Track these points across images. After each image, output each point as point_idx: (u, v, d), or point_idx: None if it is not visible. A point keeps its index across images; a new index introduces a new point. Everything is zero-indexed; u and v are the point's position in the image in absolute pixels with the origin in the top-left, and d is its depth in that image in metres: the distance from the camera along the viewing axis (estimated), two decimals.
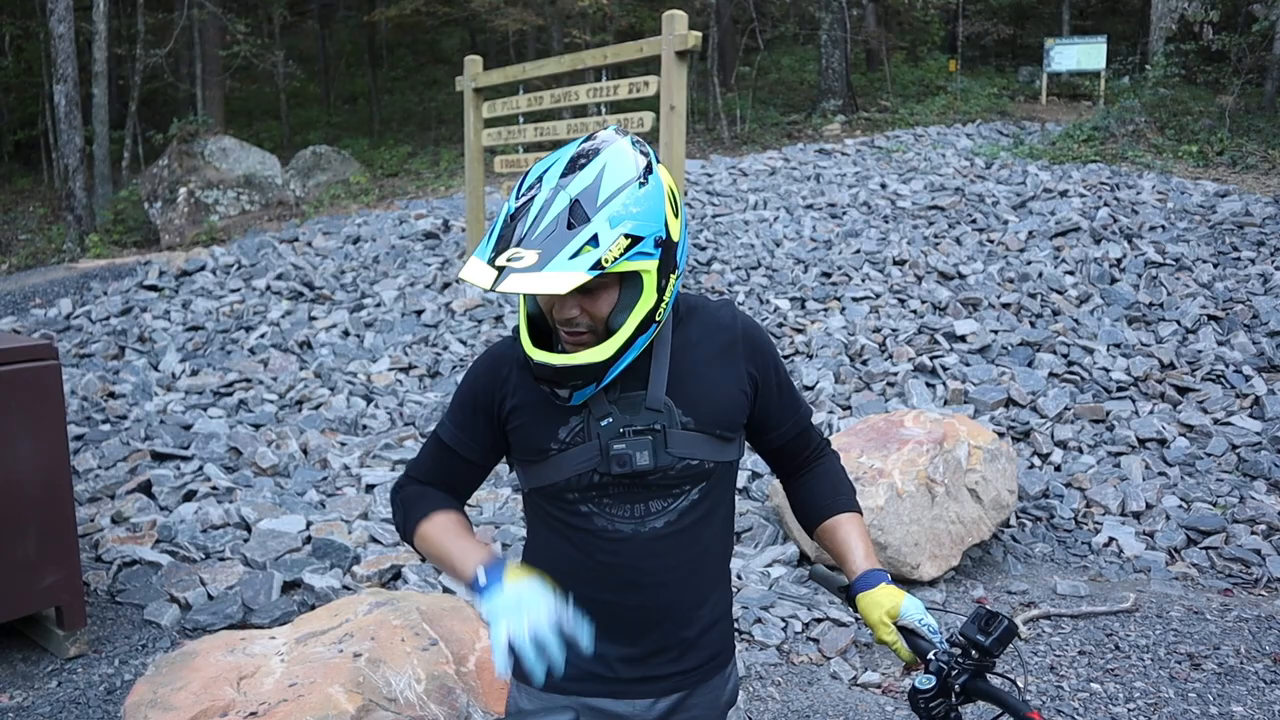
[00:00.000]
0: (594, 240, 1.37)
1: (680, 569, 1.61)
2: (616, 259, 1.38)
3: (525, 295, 1.51)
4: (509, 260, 1.37)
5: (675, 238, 1.48)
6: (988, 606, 1.54)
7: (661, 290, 1.46)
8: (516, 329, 1.65)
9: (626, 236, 1.39)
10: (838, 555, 1.69)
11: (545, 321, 1.54)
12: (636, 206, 1.41)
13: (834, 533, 1.70)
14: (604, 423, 1.52)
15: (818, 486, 1.76)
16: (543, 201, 1.40)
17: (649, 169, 1.46)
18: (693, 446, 1.56)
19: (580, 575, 1.59)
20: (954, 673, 1.50)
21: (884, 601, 1.58)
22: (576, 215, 1.38)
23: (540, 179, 1.44)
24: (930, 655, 1.54)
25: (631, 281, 1.45)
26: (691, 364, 1.59)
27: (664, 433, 1.53)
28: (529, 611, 1.36)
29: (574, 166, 1.43)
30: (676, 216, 1.49)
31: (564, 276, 1.34)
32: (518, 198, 1.44)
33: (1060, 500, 5.29)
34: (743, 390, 1.62)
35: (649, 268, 1.43)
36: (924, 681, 1.51)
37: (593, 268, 1.36)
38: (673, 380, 1.56)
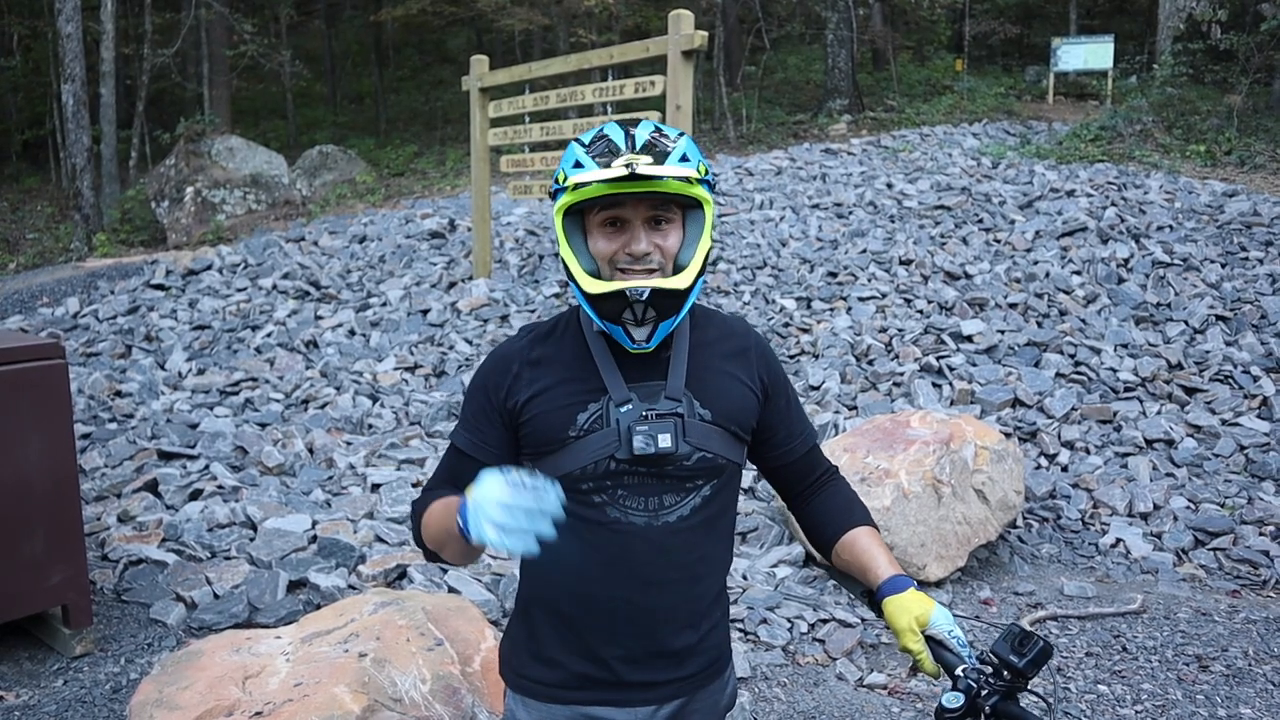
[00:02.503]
0: (684, 158, 1.51)
1: (686, 569, 1.60)
2: (703, 177, 1.53)
3: (576, 253, 1.54)
4: (626, 165, 1.45)
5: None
6: (1023, 625, 1.48)
7: (710, 237, 1.58)
8: (525, 327, 1.66)
9: (701, 164, 1.53)
10: (860, 565, 1.66)
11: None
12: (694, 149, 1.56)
13: (853, 544, 1.69)
14: (624, 409, 1.54)
15: (832, 506, 1.75)
16: (624, 134, 1.53)
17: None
18: (709, 439, 1.57)
19: (587, 571, 1.58)
20: (984, 693, 1.43)
21: (913, 608, 1.55)
22: (664, 136, 1.53)
23: (602, 131, 1.54)
24: (959, 672, 1.47)
25: (693, 220, 1.56)
26: (708, 361, 1.62)
27: (683, 420, 1.55)
28: (490, 501, 1.32)
29: (632, 123, 1.58)
30: None
31: (682, 169, 1.48)
32: (588, 145, 1.53)
33: (1067, 501, 5.27)
34: (754, 392, 1.65)
35: (710, 202, 1.55)
36: (951, 699, 1.43)
37: (695, 174, 1.50)
38: (691, 375, 1.59)
